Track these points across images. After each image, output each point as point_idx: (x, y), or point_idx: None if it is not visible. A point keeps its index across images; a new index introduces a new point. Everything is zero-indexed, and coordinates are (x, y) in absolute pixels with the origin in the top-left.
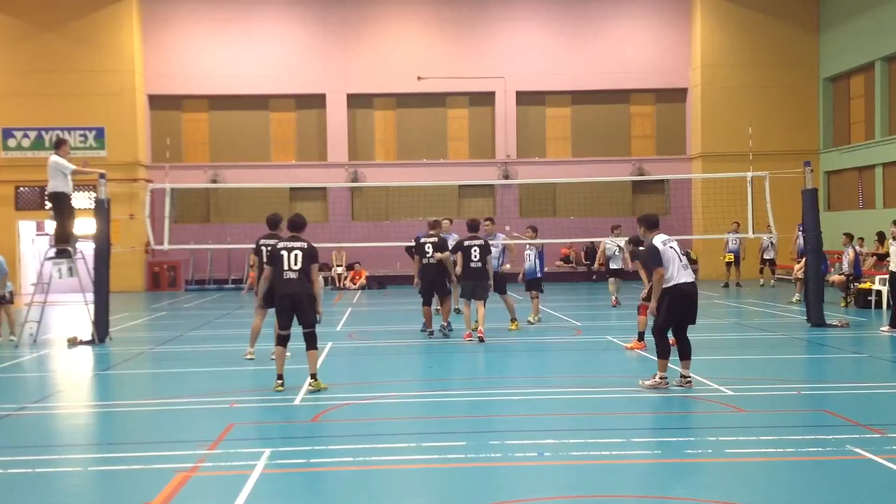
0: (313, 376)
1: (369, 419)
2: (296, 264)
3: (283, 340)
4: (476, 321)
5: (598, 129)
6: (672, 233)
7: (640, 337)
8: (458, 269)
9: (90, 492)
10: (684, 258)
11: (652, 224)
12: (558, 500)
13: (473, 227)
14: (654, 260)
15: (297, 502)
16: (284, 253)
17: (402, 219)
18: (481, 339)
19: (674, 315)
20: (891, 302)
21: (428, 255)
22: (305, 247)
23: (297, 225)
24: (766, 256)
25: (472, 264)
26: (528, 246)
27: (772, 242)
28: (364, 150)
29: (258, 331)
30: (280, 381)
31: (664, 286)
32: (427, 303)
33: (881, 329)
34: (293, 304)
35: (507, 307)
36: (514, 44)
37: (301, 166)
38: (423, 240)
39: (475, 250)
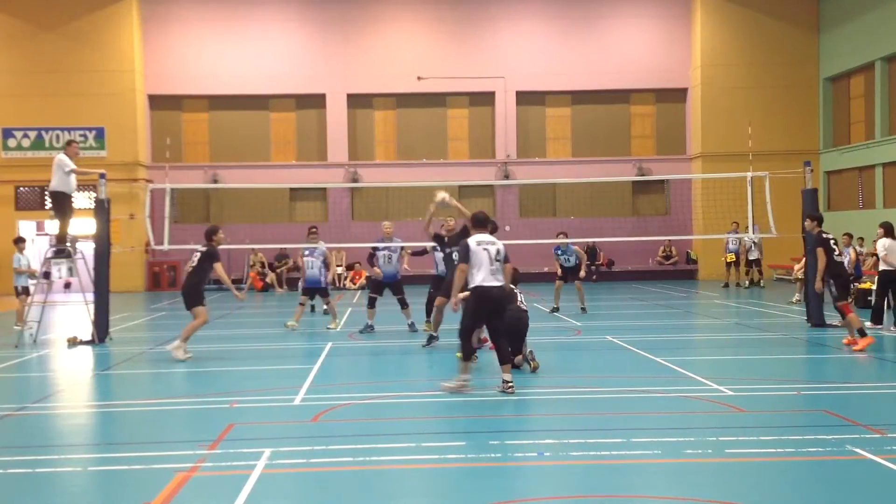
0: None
1: (369, 419)
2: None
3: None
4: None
5: (598, 129)
6: (672, 233)
7: (861, 333)
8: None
9: (90, 492)
10: (497, 263)
11: (477, 222)
12: (558, 500)
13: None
14: (461, 255)
15: (297, 502)
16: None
17: (403, 219)
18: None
19: (478, 316)
20: (876, 300)
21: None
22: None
23: None
24: (750, 257)
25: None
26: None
27: (754, 242)
28: (364, 150)
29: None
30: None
31: (470, 286)
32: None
33: (867, 323)
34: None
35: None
36: (514, 44)
37: (301, 166)
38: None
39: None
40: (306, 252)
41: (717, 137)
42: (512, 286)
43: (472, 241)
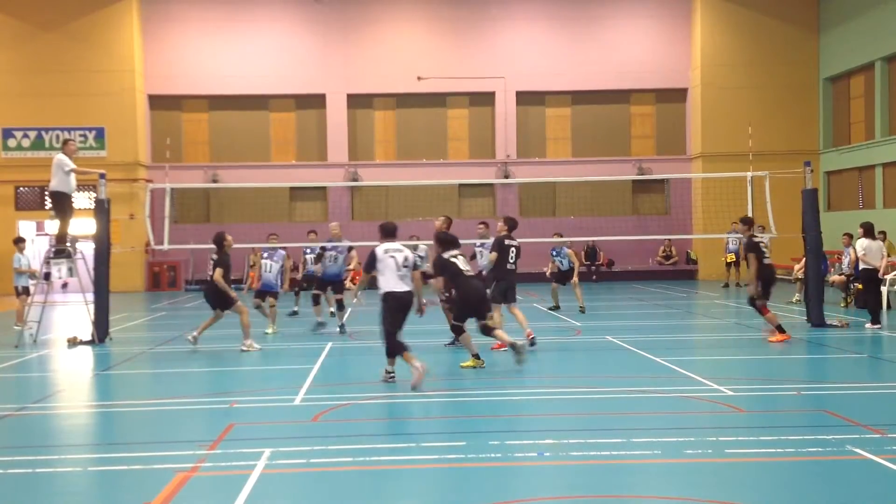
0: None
1: (369, 419)
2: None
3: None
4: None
5: (598, 129)
6: (672, 232)
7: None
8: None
9: (90, 492)
10: (404, 269)
11: (385, 232)
12: (558, 500)
13: (513, 225)
14: (366, 264)
15: (297, 502)
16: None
17: (403, 219)
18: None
19: (395, 318)
20: (869, 299)
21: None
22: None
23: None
24: None
25: (509, 265)
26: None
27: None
28: (364, 150)
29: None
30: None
31: (380, 292)
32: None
33: (865, 325)
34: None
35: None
36: (514, 44)
37: (301, 166)
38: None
39: (513, 251)
40: (265, 254)
41: (717, 137)
42: (461, 255)
43: (380, 249)
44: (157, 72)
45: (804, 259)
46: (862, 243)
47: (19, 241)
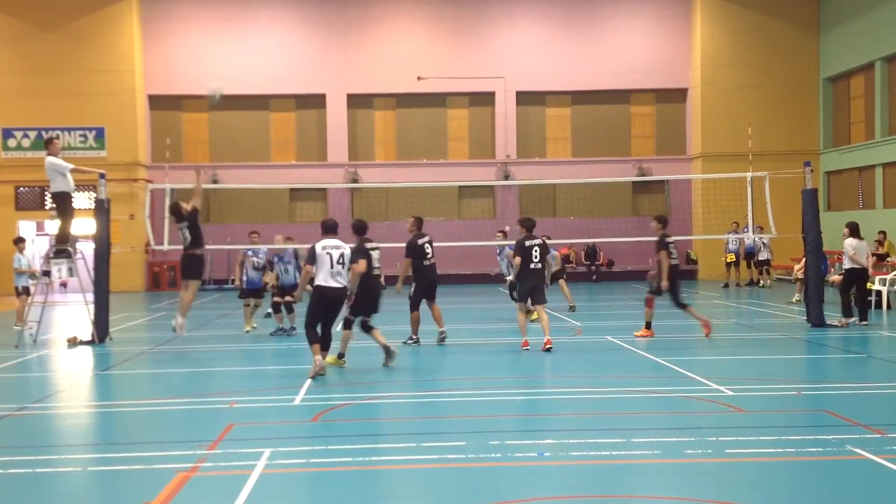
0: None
1: (369, 419)
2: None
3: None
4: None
5: (598, 129)
6: (672, 233)
7: (647, 326)
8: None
9: (90, 492)
10: (338, 266)
11: (325, 228)
12: (558, 500)
13: (531, 226)
14: (307, 257)
15: (296, 502)
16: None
17: (402, 219)
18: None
19: (317, 311)
20: (842, 297)
21: (428, 256)
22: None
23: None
24: (760, 258)
25: (533, 265)
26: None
27: (764, 243)
28: (364, 150)
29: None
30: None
31: (314, 284)
32: (417, 308)
33: (853, 321)
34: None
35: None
36: (514, 44)
37: (301, 166)
38: (420, 241)
39: (536, 250)
40: (249, 253)
41: (717, 137)
42: (377, 249)
43: (319, 245)
44: (157, 72)
45: (804, 259)
46: (851, 243)
47: (19, 241)
